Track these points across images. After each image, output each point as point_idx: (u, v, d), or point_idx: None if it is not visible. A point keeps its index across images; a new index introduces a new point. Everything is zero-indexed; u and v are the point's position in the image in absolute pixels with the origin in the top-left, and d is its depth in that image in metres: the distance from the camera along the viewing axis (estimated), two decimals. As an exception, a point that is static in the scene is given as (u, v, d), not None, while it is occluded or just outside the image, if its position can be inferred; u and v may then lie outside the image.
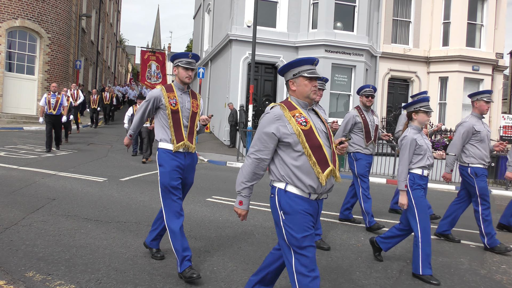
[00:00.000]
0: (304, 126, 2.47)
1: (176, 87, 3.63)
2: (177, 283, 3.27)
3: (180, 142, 3.51)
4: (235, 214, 5.79)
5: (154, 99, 3.55)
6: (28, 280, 3.11)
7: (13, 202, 5.38)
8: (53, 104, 10.34)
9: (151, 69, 20.88)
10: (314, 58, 2.64)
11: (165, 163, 3.51)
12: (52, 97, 10.38)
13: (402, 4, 17.84)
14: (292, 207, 2.44)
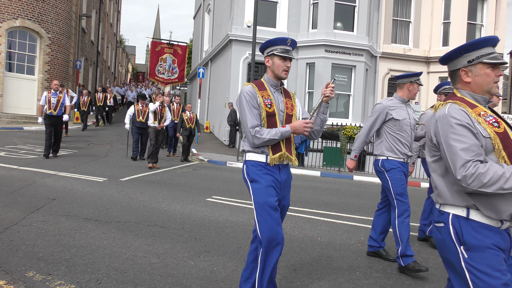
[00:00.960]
0: (497, 128, 1.86)
1: (268, 83, 2.88)
2: (177, 283, 3.27)
3: (278, 153, 2.78)
4: (235, 214, 5.79)
5: (253, 95, 2.78)
6: (28, 280, 3.11)
7: (13, 202, 5.38)
8: (53, 104, 9.43)
9: (166, 63, 17.91)
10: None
11: (258, 177, 2.75)
12: (53, 96, 9.49)
13: (402, 4, 17.84)
14: (479, 240, 1.81)
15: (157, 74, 17.29)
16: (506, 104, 27.56)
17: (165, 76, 17.71)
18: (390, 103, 4.16)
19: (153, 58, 17.68)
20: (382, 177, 4.15)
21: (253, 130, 2.71)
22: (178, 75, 17.90)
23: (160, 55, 17.57)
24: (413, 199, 8.66)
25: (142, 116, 10.73)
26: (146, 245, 4.10)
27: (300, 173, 11.68)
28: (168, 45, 17.70)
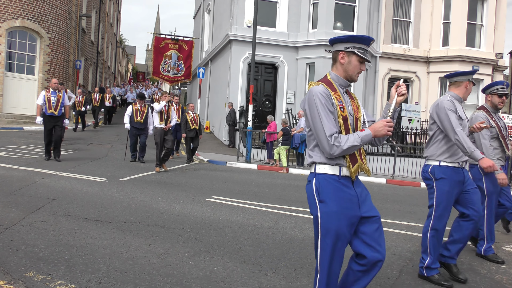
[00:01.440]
0: None
1: (337, 83, 2.53)
2: (177, 283, 3.27)
3: (356, 165, 2.43)
4: (235, 214, 5.79)
5: (328, 97, 2.41)
6: (28, 280, 3.11)
7: (13, 202, 5.38)
8: (53, 103, 8.99)
9: (171, 60, 16.16)
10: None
11: (331, 198, 2.37)
12: (52, 95, 9.04)
13: (402, 4, 17.85)
14: None
15: (161, 72, 15.63)
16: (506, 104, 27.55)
17: (170, 74, 15.96)
18: (454, 101, 3.76)
19: (156, 55, 16.11)
20: (429, 185, 3.83)
21: (331, 138, 2.32)
22: (184, 72, 16.24)
23: (164, 51, 15.93)
24: (413, 199, 8.68)
25: (141, 117, 10.34)
26: (146, 245, 4.10)
27: (300, 173, 11.69)
28: (173, 40, 15.98)
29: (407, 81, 18.01)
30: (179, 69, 16.77)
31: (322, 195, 2.39)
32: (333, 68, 2.57)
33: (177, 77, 16.09)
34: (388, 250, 4.60)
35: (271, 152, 12.70)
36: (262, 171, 11.49)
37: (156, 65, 15.96)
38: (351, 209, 2.37)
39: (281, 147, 11.99)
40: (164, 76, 16.19)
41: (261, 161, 13.08)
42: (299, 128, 12.83)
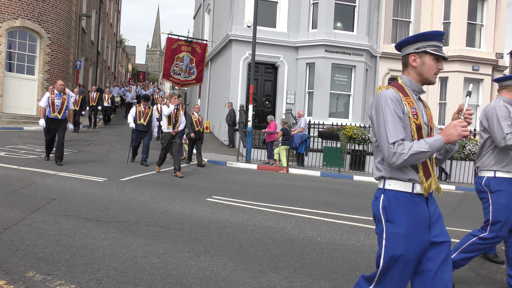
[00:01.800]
0: None
1: (410, 88, 2.24)
2: (177, 283, 3.27)
3: (429, 179, 2.15)
4: (235, 214, 5.80)
5: (398, 102, 2.13)
6: (28, 280, 3.11)
7: (13, 202, 5.38)
8: (58, 106, 8.59)
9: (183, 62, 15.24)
10: None
11: (400, 219, 2.09)
12: (57, 98, 8.63)
13: (402, 4, 17.85)
14: None
15: (172, 74, 14.74)
16: (506, 104, 27.55)
17: (181, 77, 15.10)
18: (507, 105, 3.47)
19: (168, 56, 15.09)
20: (484, 199, 3.51)
21: (393, 146, 2.03)
22: (196, 76, 15.28)
23: (177, 53, 14.99)
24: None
25: (144, 119, 10.17)
26: (146, 245, 4.10)
27: (300, 173, 11.68)
28: (186, 42, 15.12)
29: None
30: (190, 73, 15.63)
31: (390, 215, 2.10)
32: (405, 73, 2.28)
33: (188, 80, 14.68)
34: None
35: (271, 152, 12.69)
36: (262, 171, 11.49)
37: (167, 67, 14.67)
38: (421, 232, 2.07)
39: (281, 147, 11.98)
40: (175, 79, 15.00)
41: (261, 161, 13.08)
42: (299, 128, 12.83)
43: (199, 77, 15.02)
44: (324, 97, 15.55)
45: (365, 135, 12.45)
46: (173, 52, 15.12)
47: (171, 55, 14.85)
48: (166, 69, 14.53)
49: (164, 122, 9.05)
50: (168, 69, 14.68)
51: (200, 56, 14.54)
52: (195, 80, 14.40)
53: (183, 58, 14.95)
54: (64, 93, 8.79)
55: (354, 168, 13.05)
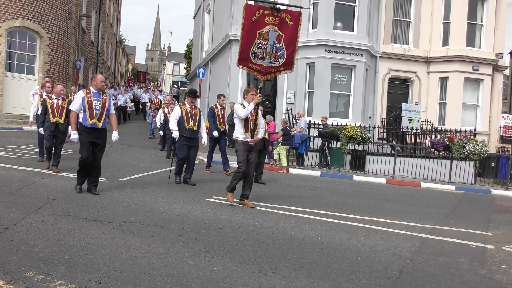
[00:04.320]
0: None
1: None
2: (177, 283, 3.27)
3: None
4: (235, 214, 5.79)
5: None
6: (28, 280, 3.11)
7: (13, 202, 5.37)
8: (97, 111, 6.34)
9: (268, 41, 8.92)
10: None
11: None
12: (95, 98, 6.36)
13: (402, 4, 17.84)
14: None
15: (252, 59, 9.01)
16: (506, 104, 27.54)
17: (265, 62, 9.03)
18: None
19: (247, 33, 9.06)
20: None
21: None
22: (285, 60, 9.08)
23: (259, 27, 9.06)
24: (413, 199, 8.68)
25: (194, 122, 7.85)
26: (146, 245, 4.10)
27: (300, 173, 11.68)
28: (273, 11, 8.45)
29: (407, 81, 18.02)
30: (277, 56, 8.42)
31: None
32: None
33: (274, 67, 7.87)
34: (388, 250, 4.60)
35: (271, 152, 12.69)
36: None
37: (246, 48, 8.94)
38: None
39: (281, 147, 11.98)
40: (256, 66, 9.20)
41: (261, 161, 13.07)
42: (299, 128, 12.83)
43: (289, 61, 8.71)
44: (324, 97, 15.55)
45: (365, 135, 12.45)
46: (254, 26, 8.84)
47: (251, 30, 8.62)
48: (245, 51, 8.36)
49: (238, 128, 6.61)
50: (246, 51, 8.41)
51: (291, 31, 8.50)
52: (284, 66, 8.45)
53: (268, 35, 8.85)
54: (104, 93, 6.48)
55: (354, 168, 13.05)
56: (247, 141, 6.48)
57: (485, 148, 12.21)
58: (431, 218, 6.67)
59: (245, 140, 6.49)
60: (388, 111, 17.53)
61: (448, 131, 14.51)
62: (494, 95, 18.32)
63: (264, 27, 7.54)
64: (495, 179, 13.42)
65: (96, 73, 6.42)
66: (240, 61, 7.20)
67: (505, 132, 18.48)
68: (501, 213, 8.01)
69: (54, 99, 8.04)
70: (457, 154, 12.24)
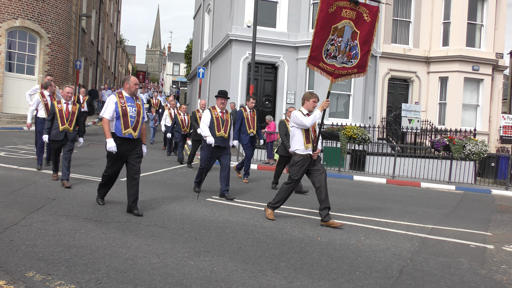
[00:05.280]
0: None
1: None
2: (177, 283, 3.27)
3: None
4: (235, 214, 5.79)
5: None
6: (28, 280, 3.11)
7: (13, 202, 5.37)
8: (133, 118, 5.34)
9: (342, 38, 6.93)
10: None
11: None
12: (129, 104, 5.35)
13: (402, 4, 17.84)
14: None
15: (324, 58, 6.93)
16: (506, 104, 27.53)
17: (337, 62, 7.28)
18: None
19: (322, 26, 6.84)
20: None
21: None
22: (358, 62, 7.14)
23: (335, 21, 6.89)
24: (413, 199, 8.68)
25: (224, 128, 7.13)
26: (146, 245, 4.10)
27: (300, 173, 11.66)
28: (351, 3, 7.02)
29: (407, 81, 18.02)
30: (351, 55, 7.64)
31: None
32: None
33: (347, 68, 7.33)
34: (388, 250, 4.61)
35: (271, 152, 12.69)
36: (262, 171, 11.48)
37: (319, 44, 6.93)
38: None
39: (281, 147, 11.96)
40: (328, 66, 7.24)
41: (261, 161, 13.07)
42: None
43: (363, 62, 7.20)
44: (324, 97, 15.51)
45: (365, 135, 12.45)
46: (330, 20, 7.16)
47: (327, 24, 6.99)
48: (317, 47, 6.81)
49: (297, 140, 5.67)
50: (319, 48, 6.87)
51: (368, 28, 7.15)
52: (357, 68, 7.10)
53: (343, 31, 7.29)
54: (137, 98, 5.54)
55: (354, 168, 13.05)
56: (309, 154, 5.61)
57: (485, 148, 12.21)
58: (431, 218, 6.68)
59: (307, 154, 5.60)
60: (388, 111, 17.53)
61: (448, 131, 14.51)
62: (494, 95, 18.32)
63: (340, 21, 6.37)
64: (495, 179, 13.42)
65: (129, 75, 5.20)
66: (311, 60, 6.21)
67: (505, 132, 18.48)
68: (501, 213, 8.01)
69: (63, 104, 6.89)
70: (457, 154, 12.24)
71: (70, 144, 6.93)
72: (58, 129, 6.79)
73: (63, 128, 6.82)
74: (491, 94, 17.95)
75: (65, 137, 6.87)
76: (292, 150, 5.71)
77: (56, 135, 6.83)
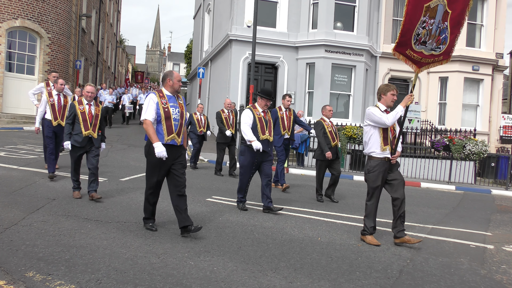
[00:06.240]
0: None
1: None
2: (177, 283, 3.27)
3: None
4: (235, 214, 5.79)
5: None
6: (28, 280, 3.11)
7: (13, 202, 5.37)
8: (177, 122, 4.54)
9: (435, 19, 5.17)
10: None
11: None
12: (172, 105, 4.58)
13: (402, 4, 17.83)
14: None
15: (412, 44, 5.22)
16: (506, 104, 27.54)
17: (426, 49, 5.49)
18: None
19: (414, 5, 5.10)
20: None
21: None
22: (446, 47, 5.79)
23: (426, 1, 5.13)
24: (413, 199, 8.68)
25: (269, 131, 6.10)
26: (146, 245, 4.10)
27: (300, 173, 11.68)
28: None
29: (407, 81, 18.02)
30: (439, 40, 5.80)
31: None
32: None
33: (434, 55, 5.88)
34: (388, 250, 4.61)
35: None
36: (262, 171, 11.47)
37: (409, 28, 5.16)
38: None
39: (281, 147, 11.95)
40: (415, 54, 5.54)
41: (261, 161, 13.05)
42: (298, 128, 12.82)
43: (450, 49, 6.23)
44: (324, 97, 15.55)
45: (365, 135, 12.44)
46: None
47: (419, 2, 5.34)
48: (407, 32, 5.26)
49: (373, 141, 4.96)
50: (409, 33, 5.32)
51: (461, 7, 5.74)
52: (443, 55, 6.17)
53: (435, 10, 5.68)
54: (179, 96, 4.76)
55: (354, 168, 13.05)
56: (386, 158, 4.88)
57: (485, 148, 12.21)
58: (431, 218, 6.68)
59: (384, 157, 4.86)
60: (388, 111, 17.53)
61: (448, 131, 14.51)
62: (494, 95, 18.32)
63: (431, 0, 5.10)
64: (495, 179, 13.42)
65: (171, 70, 4.08)
66: (398, 47, 5.17)
67: (505, 132, 18.48)
68: (501, 213, 8.01)
69: (86, 105, 5.97)
70: (457, 154, 12.24)
71: (95, 149, 6.10)
72: (80, 134, 5.88)
73: (86, 134, 5.90)
74: (491, 94, 17.95)
75: (89, 144, 6.03)
76: (367, 152, 4.97)
77: (79, 141, 5.91)
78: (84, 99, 6.01)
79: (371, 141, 4.92)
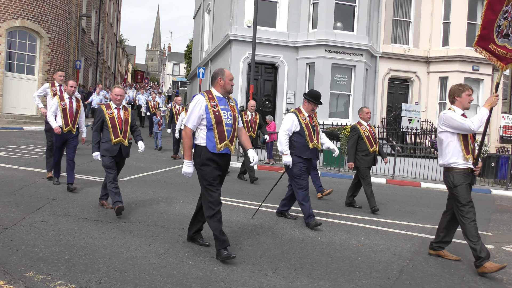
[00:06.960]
0: None
1: None
2: (177, 283, 3.27)
3: None
4: (235, 214, 5.79)
5: None
6: (28, 280, 3.11)
7: (13, 202, 5.37)
8: (229, 127, 4.05)
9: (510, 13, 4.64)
10: None
11: None
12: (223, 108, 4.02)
13: (402, 4, 17.84)
14: None
15: (495, 37, 4.70)
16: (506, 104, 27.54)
17: (509, 42, 4.67)
18: None
19: None
20: None
21: None
22: None
23: None
24: (413, 199, 8.67)
25: (317, 137, 5.58)
26: (146, 245, 4.10)
27: (300, 173, 11.66)
28: None
29: (407, 81, 18.03)
30: None
31: None
32: None
33: None
34: (388, 250, 4.61)
35: (271, 152, 12.69)
36: (262, 171, 11.48)
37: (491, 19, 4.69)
38: None
39: (281, 147, 11.94)
40: (499, 48, 4.83)
41: (261, 161, 13.07)
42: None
43: None
44: (324, 97, 15.53)
45: (365, 135, 12.43)
46: None
47: None
48: (489, 23, 4.88)
49: (452, 148, 4.29)
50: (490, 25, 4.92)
51: None
52: None
53: None
54: (230, 97, 4.15)
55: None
56: (470, 168, 4.31)
57: (485, 148, 12.21)
58: (431, 218, 6.67)
59: (468, 168, 4.28)
60: (388, 111, 17.53)
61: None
62: (494, 95, 18.32)
63: None
64: (495, 179, 13.42)
65: (222, 68, 4.07)
66: (480, 41, 4.85)
67: (505, 132, 18.48)
68: (501, 213, 8.02)
69: (114, 109, 5.36)
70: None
71: (122, 162, 5.50)
72: (110, 142, 5.22)
73: (116, 141, 5.25)
74: (491, 94, 17.95)
75: (119, 153, 5.33)
76: (446, 163, 4.28)
77: (109, 150, 5.23)
78: (113, 102, 5.40)
79: (449, 150, 4.25)
